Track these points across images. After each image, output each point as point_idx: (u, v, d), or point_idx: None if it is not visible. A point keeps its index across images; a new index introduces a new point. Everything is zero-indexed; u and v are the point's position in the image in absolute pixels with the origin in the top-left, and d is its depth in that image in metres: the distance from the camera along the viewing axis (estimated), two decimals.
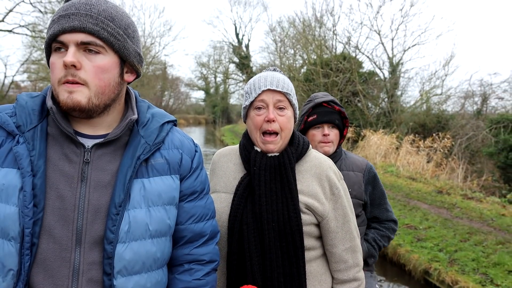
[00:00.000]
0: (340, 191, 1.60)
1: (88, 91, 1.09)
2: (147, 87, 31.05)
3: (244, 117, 1.66)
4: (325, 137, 2.16)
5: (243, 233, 1.50)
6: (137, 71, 1.25)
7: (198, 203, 1.30)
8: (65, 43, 1.08)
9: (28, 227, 1.04)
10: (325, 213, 1.55)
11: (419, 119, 14.53)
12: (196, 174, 1.31)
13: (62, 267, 1.08)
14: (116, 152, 1.17)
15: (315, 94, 2.31)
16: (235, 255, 1.52)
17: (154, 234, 1.16)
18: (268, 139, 1.54)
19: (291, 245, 1.50)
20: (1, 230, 1.05)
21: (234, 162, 1.66)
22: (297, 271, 1.50)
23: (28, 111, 1.13)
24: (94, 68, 1.09)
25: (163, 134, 1.24)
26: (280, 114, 1.54)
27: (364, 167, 2.25)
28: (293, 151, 1.59)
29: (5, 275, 1.05)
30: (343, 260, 1.58)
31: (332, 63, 17.32)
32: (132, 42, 1.19)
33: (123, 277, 1.11)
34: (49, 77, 1.17)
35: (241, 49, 41.61)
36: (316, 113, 2.19)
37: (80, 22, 1.06)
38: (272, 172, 1.54)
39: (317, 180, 1.58)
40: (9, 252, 1.05)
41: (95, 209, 1.12)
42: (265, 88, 1.53)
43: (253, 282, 1.47)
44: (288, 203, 1.50)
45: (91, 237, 1.11)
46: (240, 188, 1.55)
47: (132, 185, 1.14)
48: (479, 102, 15.75)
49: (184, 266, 1.29)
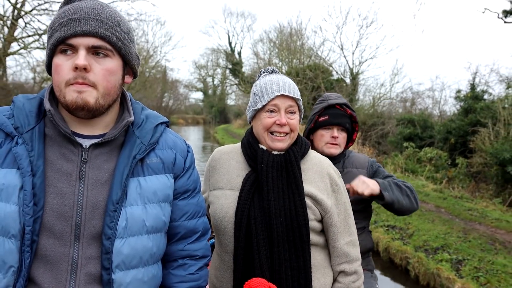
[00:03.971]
0: (340, 188, 1.67)
1: (96, 93, 1.12)
2: (150, 90, 34.94)
3: (251, 118, 1.69)
4: (334, 139, 2.17)
5: (251, 228, 1.54)
6: (135, 73, 1.29)
7: (191, 201, 1.34)
8: (75, 46, 1.10)
9: (28, 225, 1.06)
10: (328, 207, 1.61)
11: (362, 118, 18.49)
12: (189, 173, 1.35)
13: (61, 261, 1.11)
14: (113, 152, 1.20)
15: (328, 95, 2.31)
16: (242, 250, 1.55)
17: (150, 230, 1.20)
18: (277, 138, 1.60)
19: (298, 239, 1.54)
20: (2, 228, 1.07)
21: (236, 160, 1.70)
22: (304, 264, 1.55)
23: (26, 113, 1.15)
24: (103, 71, 1.12)
25: (157, 134, 1.28)
26: (291, 118, 1.60)
27: (366, 163, 2.27)
28: (298, 150, 1.64)
29: (5, 272, 1.07)
30: (345, 253, 1.63)
31: (300, 74, 21.35)
32: (134, 46, 1.23)
33: (121, 271, 1.15)
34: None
35: (233, 57, 45.55)
36: (328, 114, 2.19)
37: (92, 27, 1.10)
38: (279, 169, 1.59)
39: (319, 176, 1.65)
40: (10, 250, 1.07)
41: (93, 206, 1.14)
42: (279, 93, 1.58)
43: (261, 275, 1.50)
44: (295, 199, 1.55)
45: (89, 233, 1.13)
46: (247, 185, 1.59)
47: (128, 183, 1.17)
48: (408, 105, 20.02)
49: (178, 261, 1.33)
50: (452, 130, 13.62)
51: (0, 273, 1.07)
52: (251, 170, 1.63)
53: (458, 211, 7.57)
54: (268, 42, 28.33)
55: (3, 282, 1.07)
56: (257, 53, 29.09)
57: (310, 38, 24.56)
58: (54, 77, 1.12)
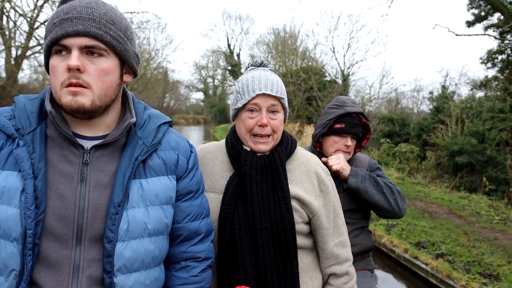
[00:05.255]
0: (329, 187, 1.61)
1: (91, 94, 1.09)
2: (152, 92, 36.57)
3: (233, 117, 1.62)
4: (346, 147, 2.18)
5: (235, 234, 1.47)
6: (135, 72, 1.26)
7: (193, 202, 1.33)
8: (68, 46, 1.08)
9: (30, 228, 1.05)
10: (316, 209, 1.55)
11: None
12: (192, 174, 1.33)
13: (63, 264, 1.10)
14: (115, 153, 1.19)
15: (344, 101, 2.24)
16: (226, 256, 1.48)
17: (152, 232, 1.18)
18: (260, 140, 1.52)
19: (284, 244, 1.49)
20: (3, 232, 1.06)
21: (220, 160, 1.62)
22: (291, 270, 1.49)
23: (27, 114, 1.14)
24: (97, 71, 1.10)
25: (160, 135, 1.26)
26: (273, 118, 1.52)
27: (367, 163, 2.29)
28: (283, 150, 1.57)
29: (7, 275, 1.06)
30: (335, 255, 1.58)
31: (293, 76, 22.96)
32: (131, 44, 1.20)
33: (123, 275, 1.13)
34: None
35: (232, 58, 47.35)
36: (344, 122, 2.16)
37: (84, 26, 1.07)
38: (263, 171, 1.52)
39: (306, 177, 1.58)
40: (12, 253, 1.05)
41: (95, 208, 1.13)
42: (260, 92, 1.49)
43: (246, 282, 1.45)
44: (280, 202, 1.49)
45: (91, 235, 1.12)
46: (230, 188, 1.52)
47: (130, 186, 1.16)
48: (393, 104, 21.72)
49: (181, 263, 1.31)
50: (424, 128, 15.26)
51: (2, 276, 1.06)
52: (235, 172, 1.56)
53: (408, 193, 9.17)
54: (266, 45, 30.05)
55: (5, 286, 1.06)
56: (253, 56, 30.73)
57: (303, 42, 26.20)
58: (51, 78, 1.11)
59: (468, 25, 14.24)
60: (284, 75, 24.28)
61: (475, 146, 10.42)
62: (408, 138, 16.38)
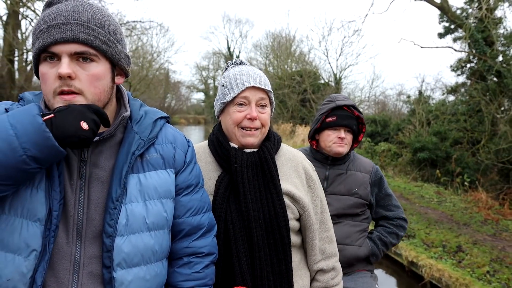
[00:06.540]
0: (316, 183, 1.62)
1: (84, 100, 1.08)
2: (154, 92, 37.98)
3: (220, 112, 1.60)
4: (341, 139, 2.20)
5: (229, 233, 1.45)
6: (126, 73, 1.25)
7: (194, 196, 1.33)
8: (58, 54, 1.06)
9: (56, 210, 1.06)
10: (306, 205, 1.55)
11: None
12: (190, 168, 1.33)
13: (63, 261, 1.10)
14: (112, 149, 1.19)
15: (335, 96, 2.30)
16: (221, 257, 1.44)
17: (151, 227, 1.18)
18: (248, 133, 1.52)
19: (279, 241, 1.48)
20: (28, 212, 1.06)
21: (204, 161, 1.60)
22: (286, 268, 1.49)
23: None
24: (89, 77, 1.09)
25: (157, 129, 1.26)
26: (262, 112, 1.53)
27: (370, 169, 2.29)
28: (271, 146, 1.57)
29: (27, 255, 1.05)
30: (321, 250, 1.60)
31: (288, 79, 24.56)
32: (121, 46, 1.19)
33: (123, 270, 1.12)
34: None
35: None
36: (335, 115, 2.21)
37: (72, 32, 1.05)
38: (253, 168, 1.51)
39: (295, 172, 1.59)
40: (34, 233, 1.06)
41: (93, 204, 1.13)
42: (249, 85, 1.49)
43: (243, 282, 1.43)
44: (273, 199, 1.48)
45: (91, 232, 1.13)
46: (221, 187, 1.50)
47: (128, 180, 1.16)
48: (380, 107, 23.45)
49: (183, 259, 1.30)
50: (402, 128, 16.88)
51: (21, 256, 1.05)
52: (223, 172, 1.54)
53: None
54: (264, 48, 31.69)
55: (24, 265, 1.05)
56: (250, 60, 32.39)
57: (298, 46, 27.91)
58: (42, 86, 1.10)
59: (440, 37, 15.87)
60: (280, 78, 25.89)
61: (436, 144, 12.06)
62: (388, 138, 18.00)
